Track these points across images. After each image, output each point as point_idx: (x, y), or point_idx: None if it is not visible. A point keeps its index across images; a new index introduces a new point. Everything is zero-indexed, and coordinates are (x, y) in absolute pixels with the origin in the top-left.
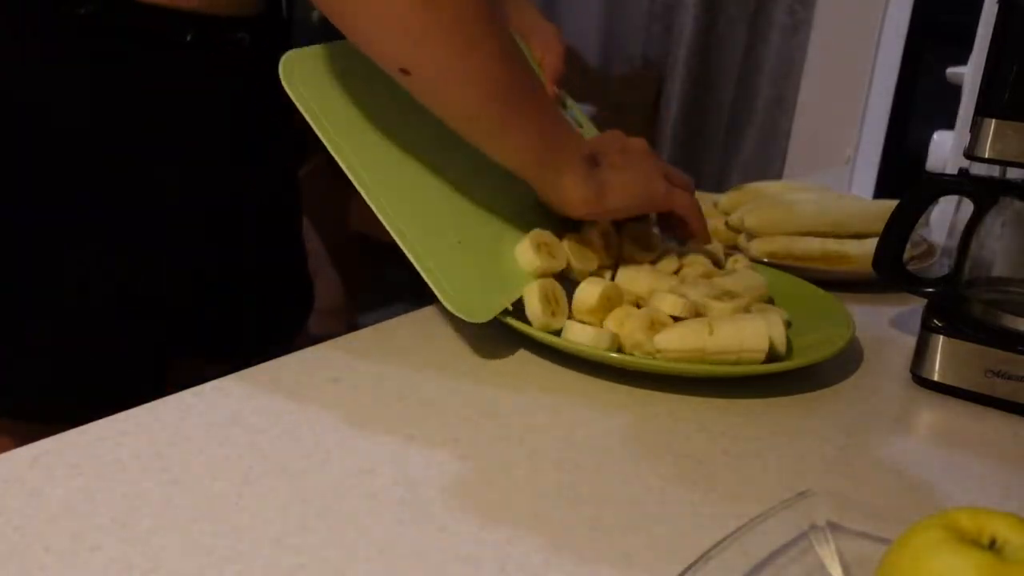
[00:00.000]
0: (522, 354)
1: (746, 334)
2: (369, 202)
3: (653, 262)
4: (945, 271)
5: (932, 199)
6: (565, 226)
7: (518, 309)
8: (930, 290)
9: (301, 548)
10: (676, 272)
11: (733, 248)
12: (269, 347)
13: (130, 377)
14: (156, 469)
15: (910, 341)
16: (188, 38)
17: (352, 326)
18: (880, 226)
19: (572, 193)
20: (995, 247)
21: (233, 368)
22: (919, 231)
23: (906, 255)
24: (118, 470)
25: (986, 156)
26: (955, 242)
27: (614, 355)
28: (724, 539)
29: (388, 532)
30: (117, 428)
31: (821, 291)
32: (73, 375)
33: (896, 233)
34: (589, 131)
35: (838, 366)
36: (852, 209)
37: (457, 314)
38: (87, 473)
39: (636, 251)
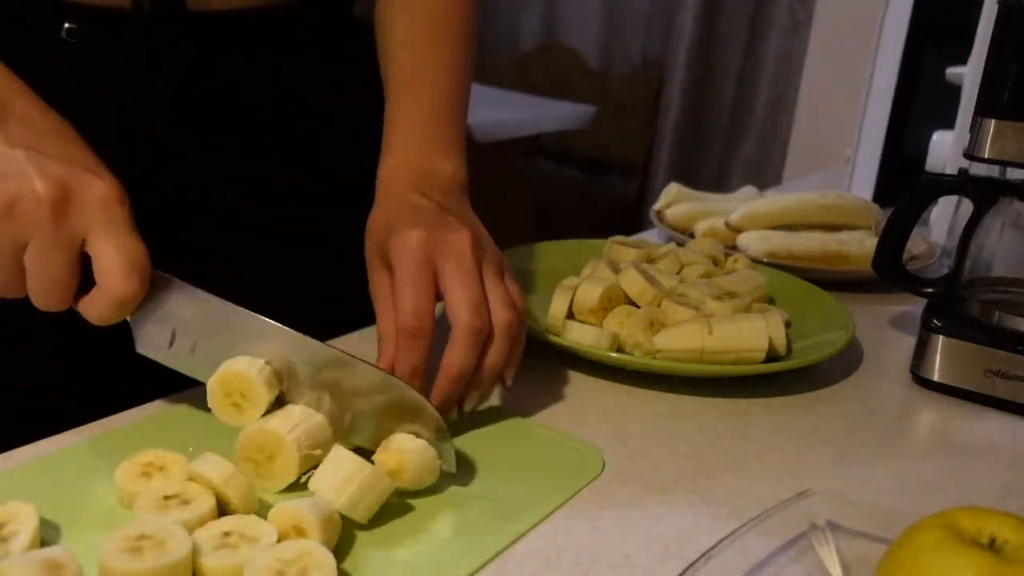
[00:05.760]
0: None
1: (745, 334)
2: None
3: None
4: (945, 271)
5: (932, 199)
6: None
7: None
8: (930, 290)
9: None
10: (677, 272)
11: (733, 248)
12: None
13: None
14: None
15: (910, 341)
16: (63, 31)
17: None
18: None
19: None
20: (995, 247)
21: None
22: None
23: (906, 255)
24: None
25: (986, 156)
26: (955, 242)
27: (614, 355)
28: (724, 539)
29: None
30: None
31: (821, 291)
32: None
33: (896, 233)
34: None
35: (838, 366)
36: (824, 200)
37: None
38: None
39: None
